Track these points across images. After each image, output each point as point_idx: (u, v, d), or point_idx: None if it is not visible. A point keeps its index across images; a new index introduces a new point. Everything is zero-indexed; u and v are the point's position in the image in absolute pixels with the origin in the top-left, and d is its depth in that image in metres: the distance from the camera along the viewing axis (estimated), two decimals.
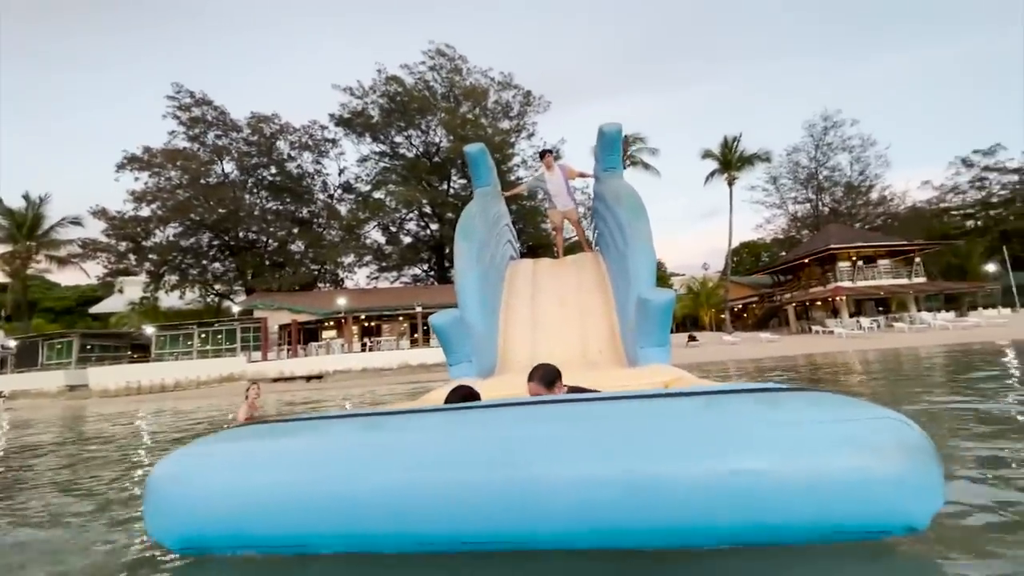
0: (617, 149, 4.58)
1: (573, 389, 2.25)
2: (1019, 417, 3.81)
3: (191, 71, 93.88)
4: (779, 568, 1.33)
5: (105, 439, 7.85)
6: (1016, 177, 43.11)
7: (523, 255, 6.86)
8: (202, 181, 35.66)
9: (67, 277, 38.19)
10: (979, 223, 44.56)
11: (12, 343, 30.41)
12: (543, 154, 6.00)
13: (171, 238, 35.89)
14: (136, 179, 34.48)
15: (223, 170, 37.85)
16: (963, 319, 27.47)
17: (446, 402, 2.27)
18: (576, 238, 8.02)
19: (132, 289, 37.03)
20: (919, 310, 30.07)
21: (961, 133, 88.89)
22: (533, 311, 4.36)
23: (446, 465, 1.26)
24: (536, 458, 1.22)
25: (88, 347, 30.27)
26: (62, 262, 34.74)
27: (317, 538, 1.33)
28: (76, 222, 34.82)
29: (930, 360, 11.25)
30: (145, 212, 34.38)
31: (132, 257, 34.98)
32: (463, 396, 2.31)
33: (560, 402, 1.46)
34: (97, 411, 14.04)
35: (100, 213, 33.81)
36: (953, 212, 45.97)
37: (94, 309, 43.62)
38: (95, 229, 34.73)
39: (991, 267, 36.33)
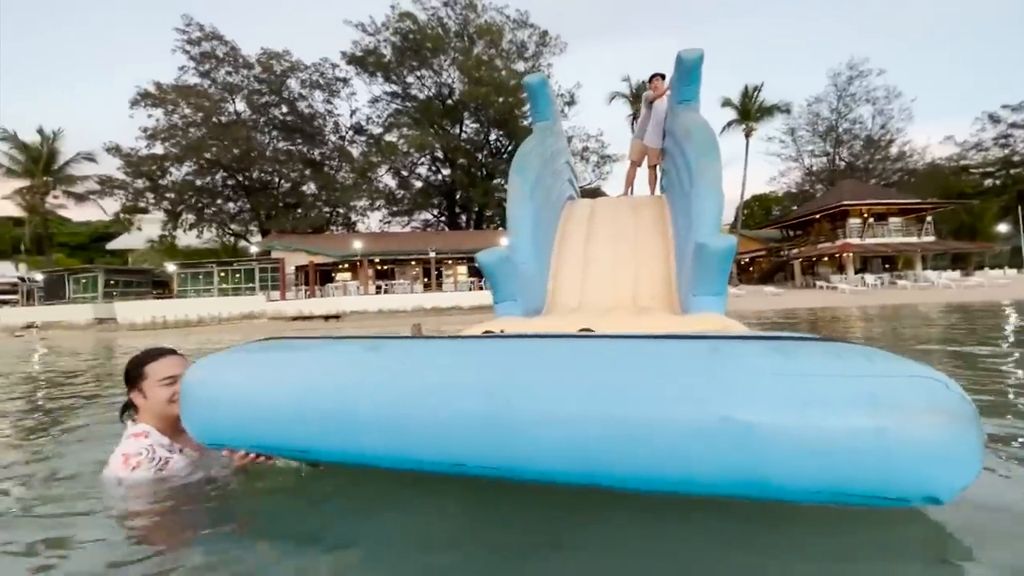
0: (696, 79, 4.14)
1: (584, 331, 2.22)
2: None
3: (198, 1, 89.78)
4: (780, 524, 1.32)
5: None
6: None
7: None
8: (214, 120, 35.29)
9: (78, 213, 38.58)
10: (998, 182, 43.65)
11: (39, 276, 31.42)
12: (654, 77, 5.17)
13: (186, 177, 35.97)
14: (149, 116, 34.25)
15: (235, 109, 37.31)
16: (967, 278, 27.92)
17: None
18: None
19: (149, 227, 37.56)
20: (925, 268, 30.43)
21: (991, 86, 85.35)
22: (586, 252, 4.28)
23: (436, 391, 1.28)
24: (527, 392, 1.21)
25: (111, 282, 31.25)
26: (80, 198, 35.09)
27: (317, 448, 1.41)
28: (90, 158, 34.85)
29: (925, 315, 11.86)
30: (159, 150, 34.38)
31: (149, 195, 35.31)
32: None
33: (562, 338, 1.45)
34: (129, 343, 14.97)
35: (114, 150, 33.77)
36: (973, 170, 44.99)
37: (111, 245, 44.39)
38: (109, 165, 34.86)
39: (1003, 228, 36.20)
